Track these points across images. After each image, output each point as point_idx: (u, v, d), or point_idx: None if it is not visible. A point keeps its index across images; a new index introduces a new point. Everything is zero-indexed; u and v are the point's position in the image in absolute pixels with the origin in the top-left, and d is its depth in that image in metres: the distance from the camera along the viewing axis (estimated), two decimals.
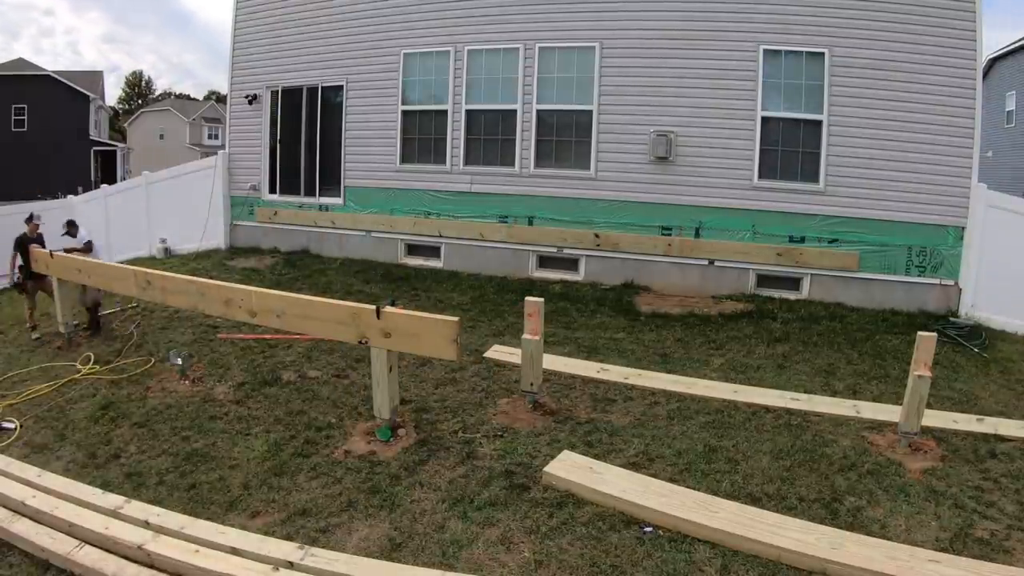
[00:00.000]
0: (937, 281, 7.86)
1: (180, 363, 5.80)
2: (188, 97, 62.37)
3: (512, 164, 9.17)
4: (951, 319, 7.48)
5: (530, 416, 5.04)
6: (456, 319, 4.48)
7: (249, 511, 3.95)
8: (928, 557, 3.34)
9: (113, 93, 63.54)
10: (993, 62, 21.38)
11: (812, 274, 8.20)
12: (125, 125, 50.96)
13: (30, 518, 3.85)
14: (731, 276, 8.48)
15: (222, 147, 12.79)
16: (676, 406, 5.23)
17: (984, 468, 4.34)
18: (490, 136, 9.39)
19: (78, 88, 34.12)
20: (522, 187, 9.17)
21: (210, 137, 46.99)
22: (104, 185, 16.56)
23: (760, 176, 8.24)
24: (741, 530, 3.50)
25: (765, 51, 8.06)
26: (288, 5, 10.73)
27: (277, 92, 11.02)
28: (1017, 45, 20.48)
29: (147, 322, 7.53)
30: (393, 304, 4.73)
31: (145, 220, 12.16)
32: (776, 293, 8.28)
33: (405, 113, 9.88)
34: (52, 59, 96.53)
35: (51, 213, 14.09)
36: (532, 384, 5.11)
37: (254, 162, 11.33)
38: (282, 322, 5.29)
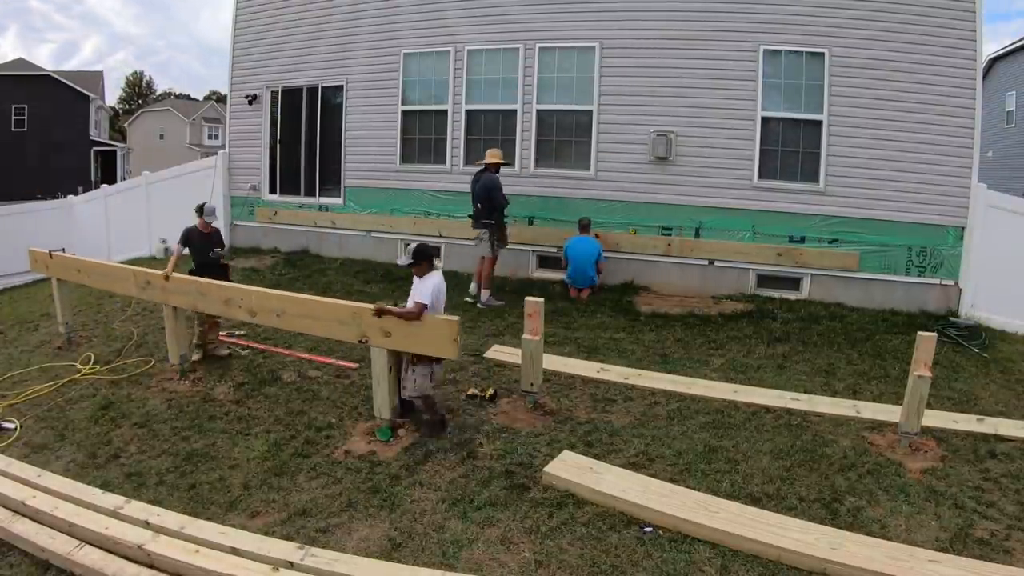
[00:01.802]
0: (937, 281, 7.86)
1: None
2: (188, 97, 62.44)
3: (512, 164, 9.15)
4: (951, 319, 7.47)
5: (530, 416, 5.04)
6: (456, 318, 4.48)
7: (249, 511, 3.95)
8: (928, 557, 3.34)
9: (113, 93, 63.54)
10: (993, 62, 21.39)
11: (812, 274, 8.20)
12: (125, 125, 50.96)
13: (30, 518, 3.85)
14: (731, 276, 8.47)
15: (222, 147, 12.78)
16: (676, 406, 5.23)
17: (984, 468, 4.34)
18: (490, 136, 9.38)
19: (78, 88, 34.13)
20: (522, 187, 9.15)
21: (210, 137, 47.00)
22: (104, 185, 16.56)
23: (760, 176, 8.23)
24: (741, 530, 3.50)
25: (765, 51, 8.05)
26: (288, 5, 10.73)
27: (277, 92, 11.02)
28: (1017, 45, 20.49)
29: (147, 322, 7.52)
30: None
31: (145, 220, 12.17)
32: (776, 293, 8.27)
33: (405, 113, 9.87)
34: None
35: (50, 213, 14.20)
36: (532, 384, 5.11)
37: (254, 162, 11.33)
38: (282, 322, 5.29)
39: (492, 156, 8.02)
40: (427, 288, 4.57)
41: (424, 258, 4.73)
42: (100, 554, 3.53)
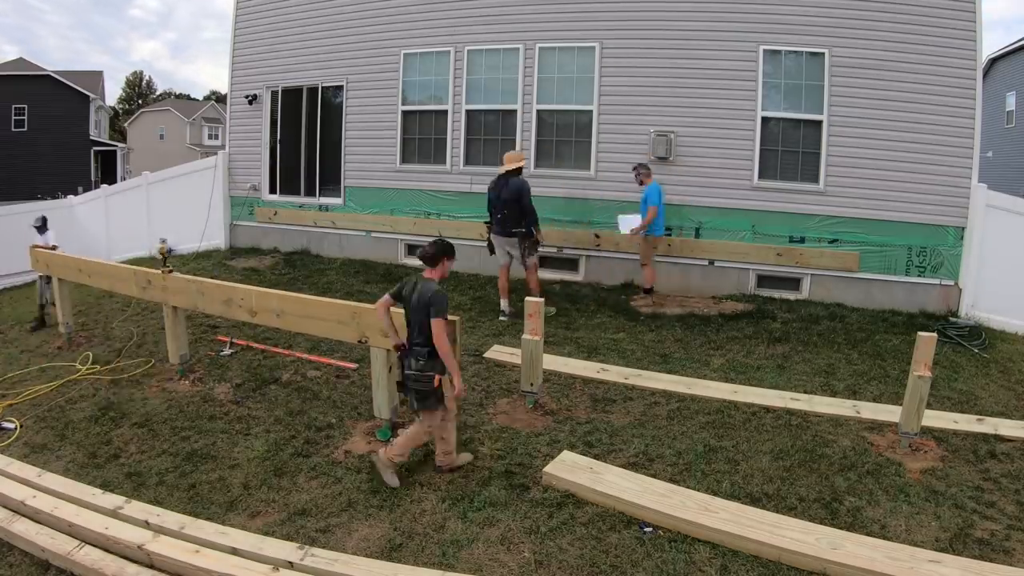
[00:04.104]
0: (937, 281, 7.86)
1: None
2: (188, 97, 62.50)
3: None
4: (951, 319, 7.48)
5: (530, 416, 5.04)
6: (456, 318, 4.47)
7: (249, 511, 3.95)
8: (928, 557, 3.34)
9: (113, 93, 63.41)
10: (993, 62, 21.38)
11: (812, 274, 8.20)
12: (125, 125, 50.99)
13: (30, 518, 3.85)
14: (731, 276, 8.47)
15: (222, 147, 12.78)
16: (676, 406, 5.23)
17: (984, 468, 4.34)
18: (490, 136, 9.39)
19: (78, 88, 34.10)
20: None
21: (210, 137, 47.03)
22: (104, 185, 16.56)
23: (760, 176, 8.23)
24: (741, 530, 3.50)
25: (765, 51, 8.05)
26: (288, 5, 10.73)
27: (277, 92, 11.02)
28: (1017, 45, 20.48)
29: (147, 322, 7.52)
30: None
31: (145, 220, 12.17)
32: (776, 293, 8.27)
33: (405, 113, 9.87)
34: None
35: (51, 213, 14.16)
36: (532, 384, 5.11)
37: (254, 162, 11.33)
38: (282, 322, 5.29)
39: (515, 160, 7.33)
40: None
41: (41, 225, 7.79)
42: (100, 554, 3.53)
